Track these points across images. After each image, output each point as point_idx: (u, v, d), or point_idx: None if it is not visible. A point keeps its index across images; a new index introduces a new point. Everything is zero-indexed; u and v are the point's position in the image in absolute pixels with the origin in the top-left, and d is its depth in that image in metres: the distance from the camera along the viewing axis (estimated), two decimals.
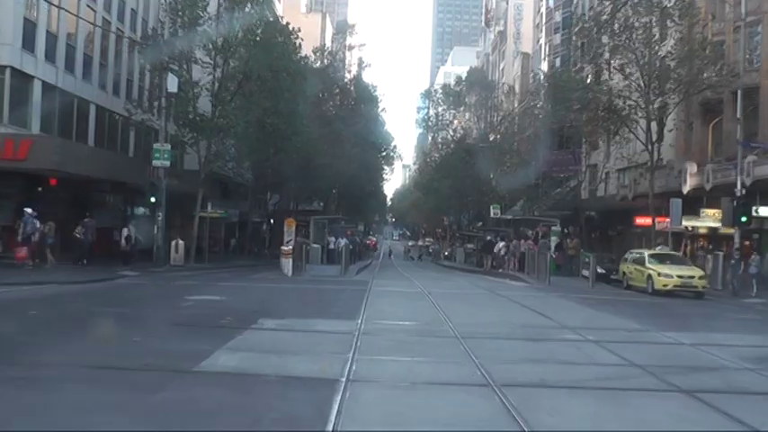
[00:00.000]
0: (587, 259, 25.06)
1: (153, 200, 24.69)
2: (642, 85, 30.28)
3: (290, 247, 25.28)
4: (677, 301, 19.71)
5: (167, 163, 25.13)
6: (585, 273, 26.13)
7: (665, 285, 20.90)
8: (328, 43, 60.05)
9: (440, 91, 56.40)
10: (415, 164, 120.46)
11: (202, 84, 28.84)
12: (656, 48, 30.71)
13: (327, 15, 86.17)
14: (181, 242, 28.13)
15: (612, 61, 32.08)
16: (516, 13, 75.62)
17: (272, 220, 48.18)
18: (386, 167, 66.20)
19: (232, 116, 27.78)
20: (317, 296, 16.56)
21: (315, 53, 47.06)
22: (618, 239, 41.38)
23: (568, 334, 11.24)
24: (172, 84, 24.27)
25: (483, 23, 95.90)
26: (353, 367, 7.62)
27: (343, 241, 32.19)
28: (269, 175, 41.74)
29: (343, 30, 52.40)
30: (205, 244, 42.39)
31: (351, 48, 52.39)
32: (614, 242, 41.25)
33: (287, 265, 24.11)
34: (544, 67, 58.65)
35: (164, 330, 10.19)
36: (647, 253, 23.74)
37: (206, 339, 9.28)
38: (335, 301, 14.97)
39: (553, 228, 29.00)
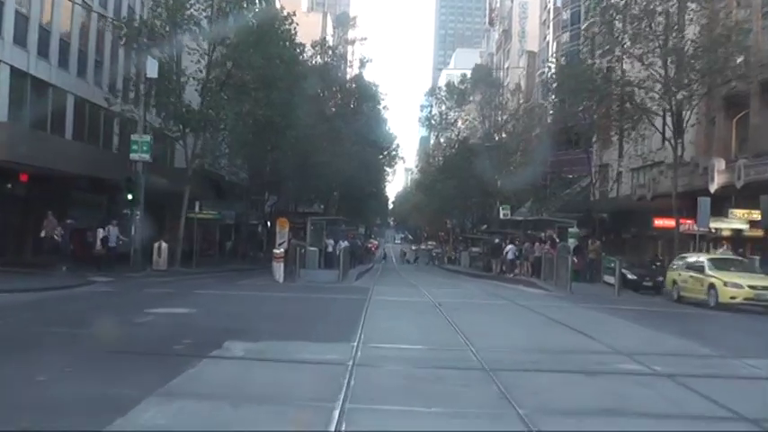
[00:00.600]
0: (612, 264, 22.31)
1: (130, 197, 21.98)
2: (665, 73, 27.61)
3: (283, 250, 22.55)
4: (740, 316, 16.60)
5: (147, 156, 22.44)
6: (609, 279, 23.40)
7: (733, 298, 17.27)
8: (330, 42, 57.37)
9: (444, 89, 53.71)
10: (417, 166, 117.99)
11: (190, 72, 26.22)
12: (678, 35, 28.05)
13: (329, 15, 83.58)
14: (164, 245, 25.44)
15: (631, 50, 29.40)
16: (521, 11, 73.00)
17: (268, 223, 45.41)
18: (387, 169, 63.67)
19: (221, 107, 25.11)
20: (307, 308, 13.82)
21: (314, 47, 44.41)
22: (632, 243, 38.61)
23: (627, 363, 8.48)
24: (152, 68, 21.60)
25: (487, 23, 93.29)
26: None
27: (343, 244, 29.46)
28: (265, 173, 39.10)
29: (343, 23, 49.64)
30: (197, 247, 40.03)
31: (351, 42, 49.64)
32: (628, 245, 38.47)
33: (278, 270, 21.37)
34: (551, 65, 56.01)
35: (91, 361, 7.46)
36: (706, 258, 20.31)
37: (142, 376, 6.60)
38: (328, 316, 12.25)
39: (570, 229, 26.29)
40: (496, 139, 51.96)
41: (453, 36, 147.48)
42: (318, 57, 45.12)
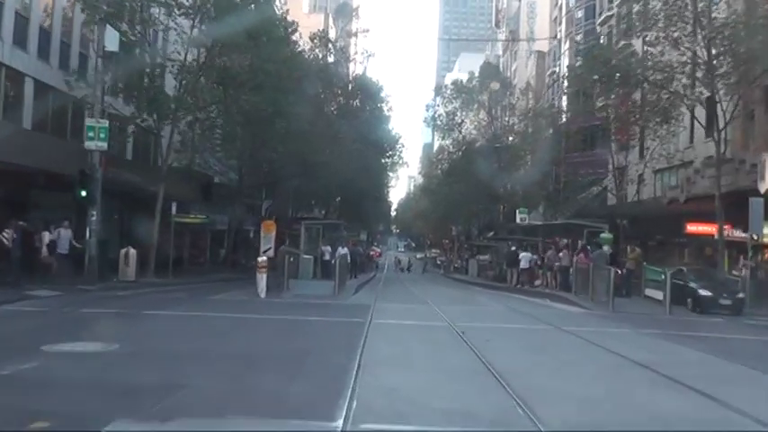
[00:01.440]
0: (657, 276, 18.35)
1: (83, 194, 18.07)
2: (708, 57, 23.74)
3: (267, 257, 18.60)
4: None
5: (104, 145, 18.54)
6: (652, 294, 19.43)
7: None
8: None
9: (451, 87, 49.84)
10: (420, 173, 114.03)
11: (169, 52, 22.41)
12: (715, 17, 24.24)
13: (330, 16, 79.91)
14: (132, 252, 21.56)
15: (666, 32, 25.50)
16: (529, 11, 69.25)
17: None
18: (390, 174, 59.88)
19: (199, 92, 21.27)
20: (283, 341, 9.80)
21: (312, 40, 40.69)
22: (656, 250, 34.59)
23: None
24: (111, 40, 17.80)
25: (493, 24, 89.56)
26: None
27: (341, 251, 25.51)
28: (260, 175, 35.24)
29: (344, 14, 45.81)
30: (187, 254, 36.11)
31: (353, 34, 45.85)
32: (650, 253, 34.46)
33: (261, 282, 17.40)
34: (564, 63, 52.27)
35: None
36: None
37: None
38: (307, 356, 8.24)
39: (602, 235, 22.31)
40: (506, 141, 48.08)
41: (457, 42, 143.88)
42: (317, 50, 41.43)
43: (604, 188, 44.56)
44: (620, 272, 18.46)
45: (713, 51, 23.73)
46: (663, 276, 18.10)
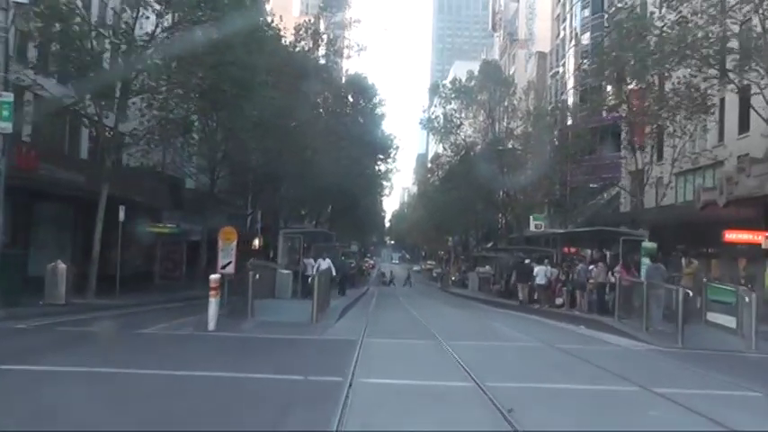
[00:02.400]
0: (733, 297, 13.79)
1: None
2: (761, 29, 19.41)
3: (219, 276, 13.90)
4: None
5: (7, 126, 13.93)
6: (717, 319, 14.85)
7: None
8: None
9: (449, 85, 45.45)
10: (414, 183, 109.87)
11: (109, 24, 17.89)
12: None
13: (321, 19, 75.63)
14: (61, 267, 16.88)
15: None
16: (528, 12, 65.24)
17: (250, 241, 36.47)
18: (384, 182, 55.53)
19: (149, 69, 16.71)
20: None
21: (298, 31, 36.41)
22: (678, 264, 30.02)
23: None
24: None
25: (490, 27, 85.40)
26: None
27: (323, 264, 20.92)
28: (238, 177, 30.69)
29: (333, 2, 41.39)
30: (157, 268, 31.53)
31: (345, 26, 41.42)
32: (671, 267, 29.87)
33: (210, 308, 12.69)
34: (570, 63, 48.08)
35: None
36: None
37: None
38: None
39: (645, 244, 17.73)
40: (508, 145, 43.72)
41: (451, 50, 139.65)
42: (303, 42, 37.07)
43: (617, 193, 40.33)
44: (690, 293, 13.83)
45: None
46: (735, 297, 13.56)
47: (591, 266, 18.43)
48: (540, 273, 22.29)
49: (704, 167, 30.21)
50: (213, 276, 13.07)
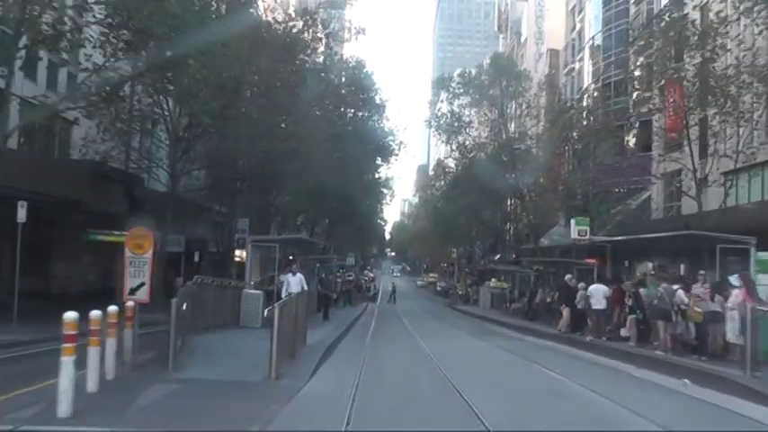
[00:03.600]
0: None
1: None
2: None
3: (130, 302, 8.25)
4: None
5: None
6: None
7: None
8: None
9: (457, 79, 39.93)
10: (414, 195, 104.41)
11: None
12: None
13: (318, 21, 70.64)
14: None
15: None
16: (537, 11, 60.05)
17: (237, 252, 30.44)
18: (384, 190, 50.29)
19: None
20: None
21: (285, 10, 31.21)
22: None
23: None
24: None
25: (495, 28, 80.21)
26: None
27: (293, 280, 15.37)
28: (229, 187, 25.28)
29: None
30: (118, 285, 25.88)
31: (339, 5, 36.06)
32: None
33: (65, 374, 6.82)
34: (587, 56, 42.74)
35: None
36: None
37: None
38: None
39: (761, 255, 12.13)
40: (522, 146, 38.30)
41: (452, 59, 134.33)
42: (294, 30, 31.91)
43: (647, 197, 34.89)
44: None
45: None
46: None
47: (675, 286, 12.73)
48: (598, 293, 16.56)
49: (757, 165, 24.71)
50: (93, 314, 7.36)
